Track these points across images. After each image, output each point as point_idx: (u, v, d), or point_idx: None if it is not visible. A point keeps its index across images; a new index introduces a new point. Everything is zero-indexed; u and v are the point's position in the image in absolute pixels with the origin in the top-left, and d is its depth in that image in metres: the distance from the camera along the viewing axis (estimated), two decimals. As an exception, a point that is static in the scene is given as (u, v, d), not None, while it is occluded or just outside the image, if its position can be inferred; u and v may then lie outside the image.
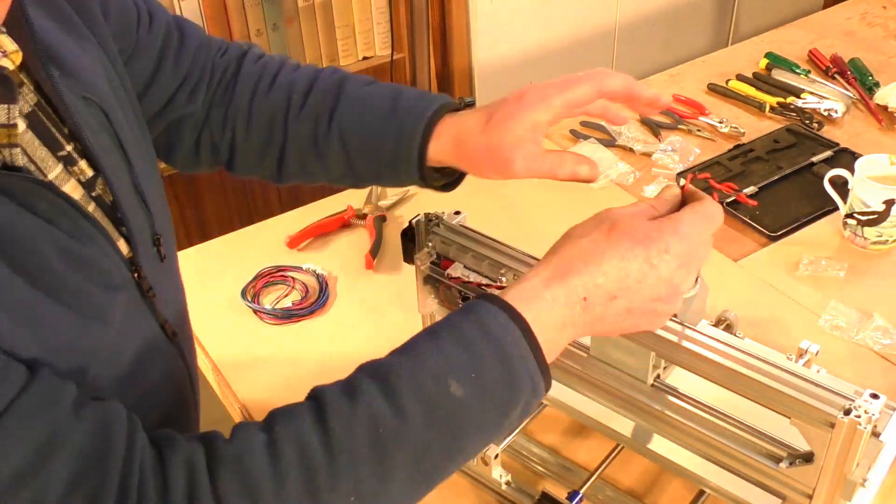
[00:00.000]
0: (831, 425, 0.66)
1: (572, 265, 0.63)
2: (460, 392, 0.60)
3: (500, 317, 0.61)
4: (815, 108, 1.55)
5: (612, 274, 0.63)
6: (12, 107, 0.57)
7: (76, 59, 0.67)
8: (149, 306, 0.70)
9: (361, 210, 1.34)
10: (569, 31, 2.36)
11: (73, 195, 0.63)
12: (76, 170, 0.64)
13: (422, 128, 0.80)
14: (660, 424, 0.82)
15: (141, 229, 0.69)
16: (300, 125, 0.86)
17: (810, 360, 0.88)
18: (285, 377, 1.08)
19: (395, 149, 0.82)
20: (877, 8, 1.93)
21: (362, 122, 0.84)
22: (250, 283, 1.21)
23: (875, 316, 1.10)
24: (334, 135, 0.85)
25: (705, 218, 0.67)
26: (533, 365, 0.62)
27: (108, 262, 0.64)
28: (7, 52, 0.58)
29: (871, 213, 1.19)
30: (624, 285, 0.63)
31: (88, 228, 0.62)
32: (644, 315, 0.66)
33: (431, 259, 0.84)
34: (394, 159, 0.82)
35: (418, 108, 0.81)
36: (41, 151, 0.61)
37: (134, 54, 0.81)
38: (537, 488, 0.89)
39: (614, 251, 0.63)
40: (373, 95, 0.85)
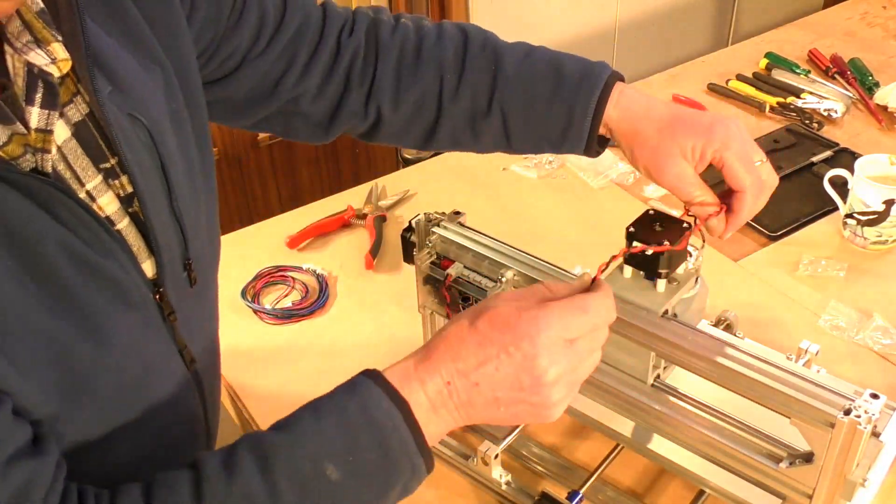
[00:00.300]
0: (831, 425, 0.66)
1: (437, 349, 0.63)
2: (336, 475, 0.60)
3: (382, 401, 0.62)
4: (815, 108, 1.55)
5: (471, 360, 0.62)
6: (52, 113, 0.58)
7: (131, 76, 0.66)
8: (168, 329, 0.69)
9: (361, 210, 1.34)
10: (569, 31, 2.36)
11: (107, 208, 0.63)
12: (117, 183, 0.64)
13: (593, 107, 0.80)
14: (660, 424, 0.82)
15: (171, 251, 0.68)
16: (456, 105, 0.84)
17: (810, 360, 0.88)
18: (285, 377, 1.08)
19: (565, 128, 0.82)
20: (877, 8, 1.93)
21: (526, 103, 0.83)
22: (250, 283, 1.21)
23: (875, 316, 1.10)
24: (494, 115, 0.84)
25: (578, 310, 0.63)
26: (413, 448, 0.62)
27: (127, 279, 0.63)
28: (56, 60, 0.58)
29: (871, 213, 1.19)
30: (483, 372, 0.62)
31: (109, 242, 0.61)
32: (517, 405, 0.63)
33: (431, 259, 0.84)
34: (561, 137, 0.83)
35: (587, 84, 0.81)
36: (83, 160, 0.61)
37: (222, 42, 0.79)
38: (537, 488, 0.89)
39: (473, 337, 0.63)
40: (534, 73, 0.83)
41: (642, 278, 0.77)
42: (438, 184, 1.41)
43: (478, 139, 0.87)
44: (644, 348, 0.78)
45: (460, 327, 0.64)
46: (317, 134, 0.89)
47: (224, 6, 0.79)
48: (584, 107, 0.81)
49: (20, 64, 0.57)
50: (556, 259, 0.82)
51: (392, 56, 0.85)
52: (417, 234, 0.85)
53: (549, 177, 1.41)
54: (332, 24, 0.85)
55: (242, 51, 0.81)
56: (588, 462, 0.93)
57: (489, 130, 0.85)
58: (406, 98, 0.85)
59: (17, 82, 0.57)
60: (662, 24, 2.53)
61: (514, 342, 0.61)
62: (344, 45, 0.85)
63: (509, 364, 0.62)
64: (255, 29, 0.81)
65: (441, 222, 0.85)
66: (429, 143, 0.89)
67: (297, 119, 0.87)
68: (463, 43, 0.85)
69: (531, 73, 0.83)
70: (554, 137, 0.84)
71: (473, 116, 0.85)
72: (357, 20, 0.87)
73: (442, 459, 0.93)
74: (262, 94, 0.84)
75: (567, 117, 0.82)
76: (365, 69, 0.86)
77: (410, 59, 0.85)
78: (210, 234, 0.77)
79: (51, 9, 0.60)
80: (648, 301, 0.75)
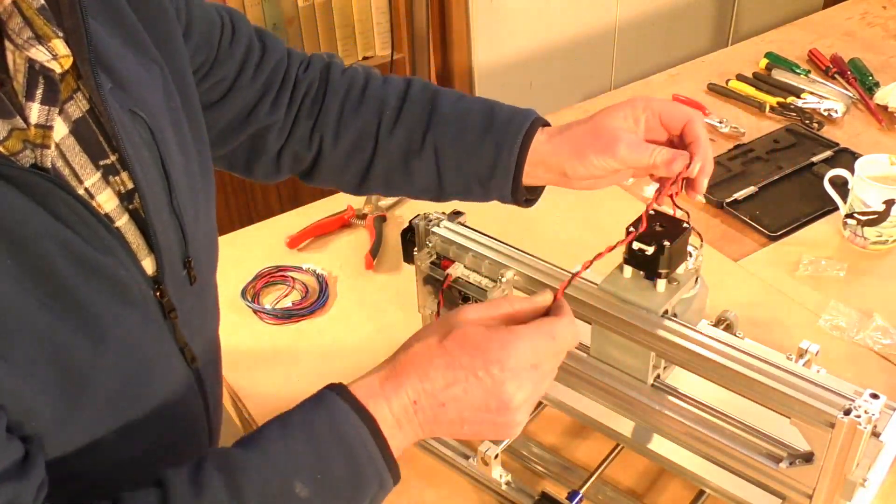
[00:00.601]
0: (831, 425, 0.66)
1: (405, 368, 0.64)
2: (305, 493, 0.61)
3: (350, 416, 0.62)
4: (815, 108, 1.55)
5: (439, 381, 0.63)
6: (52, 109, 0.58)
7: (132, 73, 0.66)
8: (169, 327, 0.70)
9: (361, 210, 1.34)
10: (569, 31, 2.36)
11: (105, 205, 0.63)
12: (117, 180, 0.64)
13: (520, 139, 0.82)
14: (660, 424, 0.82)
15: (170, 249, 0.68)
16: (391, 142, 0.87)
17: (810, 360, 0.88)
18: (285, 377, 1.08)
19: (493, 162, 0.84)
20: (877, 8, 1.93)
21: (457, 139, 0.85)
22: (250, 283, 1.21)
23: (875, 316, 1.10)
24: (427, 152, 0.86)
25: (546, 336, 0.65)
26: (381, 462, 0.62)
27: (127, 276, 0.63)
28: (58, 56, 0.58)
29: (871, 213, 1.19)
30: (451, 393, 0.63)
31: (108, 239, 0.62)
32: (482, 424, 0.65)
33: (431, 259, 0.84)
34: (490, 173, 0.84)
35: (516, 121, 0.83)
36: (81, 157, 0.61)
37: (214, 66, 0.83)
38: (537, 488, 0.89)
39: (442, 359, 0.63)
40: (468, 111, 0.86)
41: (642, 278, 0.77)
42: (438, 184, 1.41)
43: (411, 179, 0.88)
44: (644, 348, 0.78)
45: (428, 346, 0.64)
46: (271, 169, 0.92)
47: (214, 31, 0.82)
48: (512, 141, 0.83)
49: (21, 60, 0.57)
50: (556, 259, 0.82)
51: (339, 93, 0.89)
52: (417, 234, 0.85)
53: (549, 177, 1.41)
54: (294, 61, 0.91)
55: (232, 77, 0.85)
56: (588, 462, 0.93)
57: (422, 168, 0.87)
58: (346, 132, 0.88)
59: (18, 78, 0.57)
60: (662, 24, 2.53)
61: (483, 367, 0.63)
62: (300, 80, 0.90)
63: (477, 387, 0.63)
64: (243, 58, 0.85)
65: (441, 222, 0.85)
66: (363, 184, 0.91)
67: (258, 152, 0.90)
68: (405, 88, 0.89)
69: (464, 113, 0.86)
70: (482, 174, 0.85)
71: (407, 153, 0.87)
72: (313, 60, 0.92)
73: (442, 459, 0.93)
74: (238, 123, 0.87)
75: (495, 152, 0.83)
76: (314, 103, 0.90)
77: (355, 96, 0.89)
78: (209, 234, 0.77)
79: (52, 6, 0.60)
80: (648, 301, 0.75)
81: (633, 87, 1.69)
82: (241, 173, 0.93)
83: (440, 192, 0.89)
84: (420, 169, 0.87)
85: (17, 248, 0.55)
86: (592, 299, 0.77)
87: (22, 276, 0.56)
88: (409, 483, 0.91)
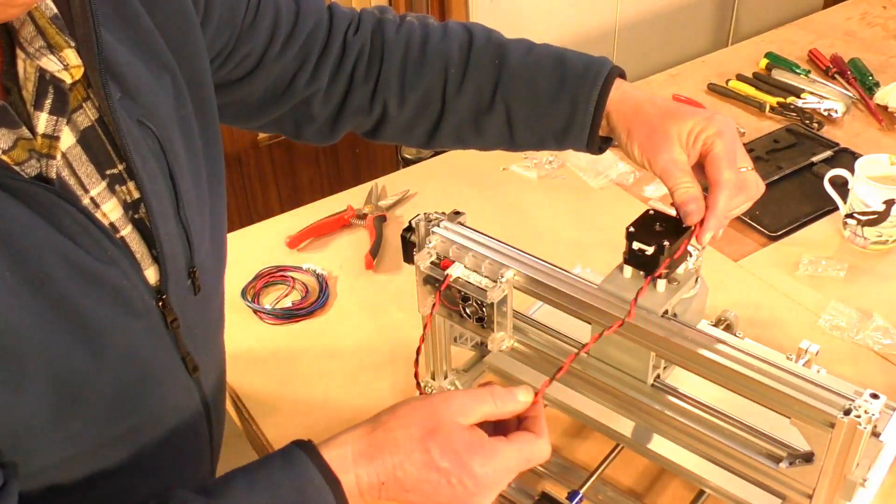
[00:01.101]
0: (831, 425, 0.66)
1: (381, 451, 0.64)
2: None
3: (315, 478, 0.62)
4: (815, 108, 1.55)
5: (412, 475, 0.64)
6: (60, 119, 0.57)
7: (142, 83, 0.66)
8: (171, 337, 0.69)
9: (361, 210, 1.34)
10: (569, 31, 2.36)
11: (110, 214, 0.62)
12: (124, 189, 0.64)
13: (595, 96, 0.81)
14: (660, 424, 0.82)
15: (175, 259, 0.68)
16: (460, 100, 0.85)
17: (810, 360, 0.88)
18: (285, 377, 1.08)
19: (568, 119, 0.82)
20: (877, 8, 1.93)
21: (529, 96, 0.83)
22: (250, 283, 1.21)
23: (875, 316, 1.10)
24: (498, 109, 0.84)
25: (524, 459, 0.67)
26: None
27: (129, 286, 0.63)
28: (69, 66, 0.58)
29: (871, 213, 1.19)
30: (418, 487, 0.64)
31: (112, 250, 0.61)
32: None
33: (431, 259, 0.84)
34: (565, 129, 0.83)
35: (590, 75, 0.82)
36: (87, 167, 0.61)
37: (238, 44, 0.80)
38: (537, 488, 0.89)
39: (421, 456, 0.64)
40: (538, 65, 0.84)
41: (642, 278, 0.77)
42: (438, 184, 1.41)
43: (481, 135, 0.87)
44: (644, 348, 0.78)
45: (410, 437, 0.64)
46: (323, 133, 0.90)
47: (238, 7, 0.79)
48: (587, 97, 0.81)
49: (32, 69, 0.57)
50: (556, 259, 0.82)
51: (397, 53, 0.86)
52: (417, 234, 0.85)
53: (549, 177, 1.41)
54: (339, 23, 0.86)
55: (259, 51, 0.82)
56: (588, 462, 0.93)
57: (493, 125, 0.86)
58: (411, 94, 0.86)
59: (27, 87, 0.57)
60: (662, 24, 2.53)
61: (458, 476, 0.64)
62: (350, 44, 0.86)
63: (447, 490, 0.64)
64: (271, 30, 0.82)
65: (441, 222, 0.85)
66: (433, 141, 0.90)
67: (306, 119, 0.88)
68: (468, 40, 0.86)
69: (535, 67, 0.84)
70: (557, 130, 0.84)
71: (477, 111, 0.85)
72: (363, 19, 0.88)
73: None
74: (276, 94, 0.85)
75: (570, 108, 0.82)
76: (370, 67, 0.86)
77: (415, 55, 0.86)
78: (216, 242, 0.76)
79: (64, 15, 0.59)
80: (648, 301, 0.75)
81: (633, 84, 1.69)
82: (293, 138, 0.91)
83: (513, 146, 0.88)
84: (491, 126, 0.86)
85: (17, 260, 0.55)
86: (592, 299, 0.77)
87: (20, 288, 0.55)
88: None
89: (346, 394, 1.05)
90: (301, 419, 1.02)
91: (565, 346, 0.88)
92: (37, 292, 0.56)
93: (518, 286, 0.81)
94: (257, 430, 1.02)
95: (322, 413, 1.02)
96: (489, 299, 0.79)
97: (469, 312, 0.82)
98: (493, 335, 0.82)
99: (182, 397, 0.73)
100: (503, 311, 0.81)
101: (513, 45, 0.85)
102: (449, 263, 0.82)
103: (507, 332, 0.84)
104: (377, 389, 1.05)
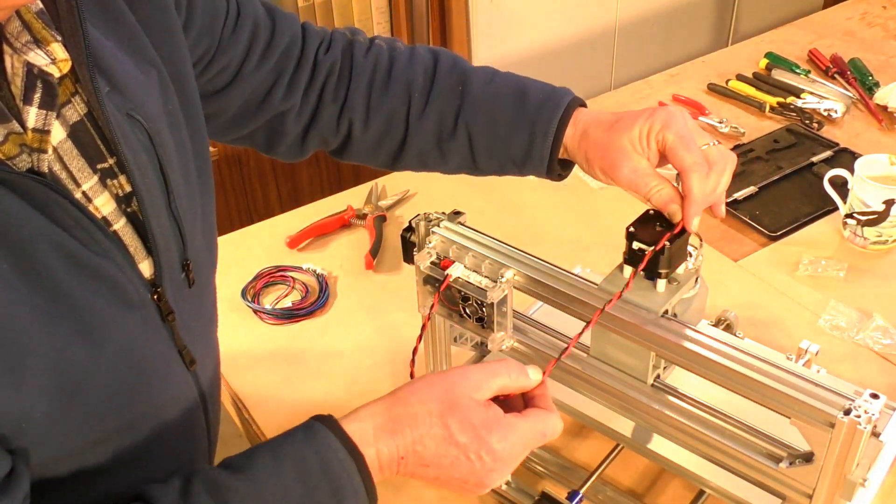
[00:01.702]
0: (831, 425, 0.66)
1: (401, 427, 0.65)
2: None
3: (339, 451, 0.63)
4: (815, 108, 1.55)
5: (431, 448, 0.65)
6: (49, 113, 0.58)
7: (129, 77, 0.66)
8: (167, 330, 0.69)
9: (361, 210, 1.34)
10: (569, 31, 2.36)
11: (103, 208, 0.62)
12: (115, 183, 0.64)
13: (554, 127, 0.83)
14: (660, 424, 0.82)
15: (169, 252, 0.68)
16: (423, 125, 0.87)
17: (810, 360, 0.88)
18: (285, 377, 1.08)
19: (526, 150, 0.84)
20: (877, 8, 1.93)
21: (489, 125, 0.85)
22: (250, 283, 1.21)
23: (875, 316, 1.10)
24: (460, 136, 0.86)
25: (539, 434, 0.68)
26: (364, 497, 0.64)
27: (124, 279, 0.63)
28: (56, 60, 0.58)
29: (871, 213, 1.19)
30: (437, 461, 0.66)
31: (105, 242, 0.61)
32: (451, 485, 0.68)
33: (431, 259, 0.84)
34: (524, 158, 0.85)
35: (548, 107, 0.83)
36: (78, 161, 0.61)
37: (217, 54, 0.81)
38: (537, 488, 0.89)
39: (441, 431, 0.65)
40: (499, 95, 0.86)
41: (642, 278, 0.77)
42: (438, 184, 1.41)
43: (445, 159, 0.89)
44: (644, 348, 0.78)
45: (429, 413, 0.66)
46: (294, 150, 0.92)
47: (218, 16, 0.81)
48: (546, 129, 0.83)
49: (19, 64, 0.57)
50: (556, 259, 0.82)
51: (364, 75, 0.88)
52: (417, 234, 0.85)
53: (549, 177, 1.41)
54: (311, 41, 0.89)
55: (237, 63, 0.83)
56: (588, 462, 0.93)
57: (455, 151, 0.88)
58: (376, 116, 0.88)
59: (16, 82, 0.57)
60: (662, 24, 2.53)
61: (476, 451, 0.65)
62: (320, 62, 0.88)
63: (465, 465, 0.66)
64: (248, 42, 0.83)
65: (441, 222, 0.85)
66: (397, 163, 0.92)
67: (279, 135, 0.90)
68: (433, 66, 0.88)
69: (495, 97, 0.86)
70: (517, 159, 0.86)
71: (440, 137, 0.87)
72: (334, 40, 0.90)
73: (442, 459, 0.93)
74: (251, 108, 0.86)
75: (529, 139, 0.84)
76: (339, 87, 0.89)
77: (381, 79, 0.88)
78: (207, 236, 0.77)
79: (50, 10, 0.60)
80: (648, 301, 0.75)
81: (633, 86, 1.69)
82: (264, 152, 0.93)
83: (476, 171, 0.90)
84: (454, 151, 0.87)
85: (14, 252, 0.55)
86: (592, 299, 0.77)
87: (17, 280, 0.55)
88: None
89: (346, 394, 1.05)
90: (301, 419, 1.01)
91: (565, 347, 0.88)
92: (35, 284, 0.56)
93: (518, 286, 0.81)
94: (257, 430, 1.02)
95: (322, 413, 1.02)
96: (489, 299, 0.79)
97: (469, 312, 0.82)
98: (493, 335, 0.82)
99: (180, 390, 0.73)
100: (503, 311, 0.81)
101: (476, 74, 0.88)
102: (449, 263, 0.82)
103: (507, 332, 0.84)
104: (377, 389, 1.04)
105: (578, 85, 2.51)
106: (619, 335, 0.77)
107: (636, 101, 1.62)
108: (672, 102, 1.60)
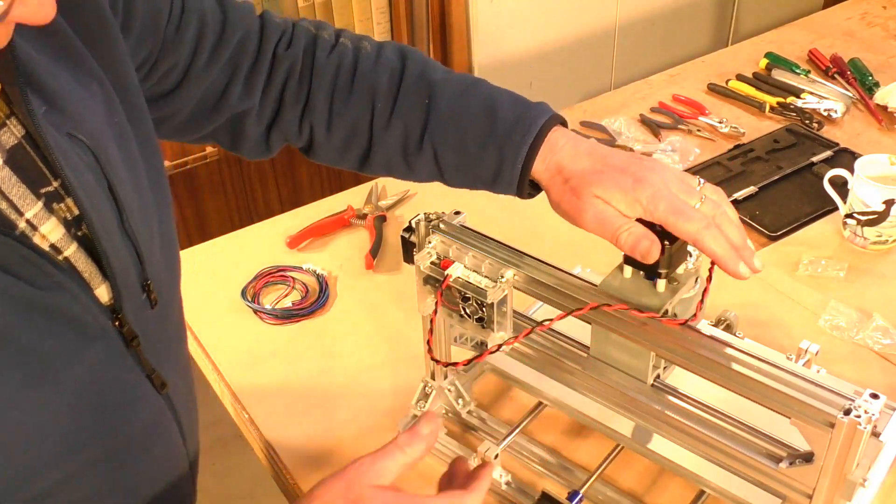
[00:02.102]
0: (831, 425, 0.66)
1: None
2: None
3: None
4: (815, 108, 1.55)
5: None
6: None
7: (68, 94, 0.62)
8: (133, 356, 0.66)
9: (361, 210, 1.34)
10: (569, 31, 2.36)
11: (50, 236, 0.58)
12: (62, 207, 0.60)
13: (524, 153, 0.78)
14: (660, 424, 0.82)
15: (126, 274, 0.64)
16: (388, 136, 0.83)
17: (810, 360, 0.88)
18: (285, 377, 1.08)
19: (495, 172, 0.81)
20: (877, 8, 1.93)
21: (457, 145, 0.82)
22: (250, 283, 1.21)
23: (875, 316, 1.10)
24: (427, 151, 0.83)
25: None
26: None
27: (80, 309, 0.60)
28: None
29: (871, 213, 1.19)
30: None
31: (55, 274, 0.57)
32: None
33: (431, 259, 0.84)
34: (493, 179, 0.82)
35: (520, 129, 0.79)
36: (18, 188, 0.57)
37: (161, 54, 0.77)
38: (537, 488, 0.89)
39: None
40: (468, 113, 0.81)
41: (642, 278, 0.77)
42: (438, 184, 1.41)
43: (412, 171, 0.86)
44: (644, 348, 0.78)
45: None
46: (259, 150, 0.89)
47: (160, 14, 0.76)
48: (515, 152, 0.79)
49: None
50: (556, 259, 0.82)
51: (326, 78, 0.84)
52: (417, 234, 0.85)
53: (549, 177, 1.41)
54: (270, 34, 0.84)
55: (184, 63, 0.79)
56: (588, 462, 0.93)
57: (423, 165, 0.84)
58: (339, 122, 0.84)
59: None
60: (662, 24, 2.53)
61: None
62: (280, 59, 0.84)
63: None
64: (195, 40, 0.79)
65: (441, 222, 0.85)
66: (365, 168, 0.88)
67: (240, 136, 0.87)
68: (399, 71, 0.84)
69: (464, 115, 0.81)
70: (486, 179, 0.82)
71: (406, 150, 0.84)
72: (296, 34, 0.85)
73: (442, 460, 0.93)
74: (207, 108, 0.83)
75: (498, 161, 0.80)
76: (300, 87, 0.85)
77: (345, 82, 0.84)
78: (167, 250, 0.73)
79: None
80: (648, 301, 0.75)
81: (633, 86, 1.69)
82: (230, 150, 0.89)
83: (445, 183, 0.87)
84: (421, 165, 0.84)
85: None
86: (592, 299, 0.77)
87: None
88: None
89: (346, 394, 1.05)
90: (301, 419, 1.02)
91: (565, 346, 0.88)
92: None
93: (518, 286, 0.81)
94: (257, 430, 1.02)
95: (322, 413, 1.02)
96: (489, 299, 0.79)
97: (469, 312, 0.82)
98: (493, 335, 0.82)
99: (152, 416, 0.70)
100: (503, 311, 0.81)
101: (445, 87, 0.83)
102: (449, 263, 0.82)
103: (507, 332, 0.84)
104: (377, 389, 1.05)
105: (578, 85, 2.51)
106: (619, 335, 0.77)
107: (636, 101, 1.62)
108: (672, 102, 1.60)
